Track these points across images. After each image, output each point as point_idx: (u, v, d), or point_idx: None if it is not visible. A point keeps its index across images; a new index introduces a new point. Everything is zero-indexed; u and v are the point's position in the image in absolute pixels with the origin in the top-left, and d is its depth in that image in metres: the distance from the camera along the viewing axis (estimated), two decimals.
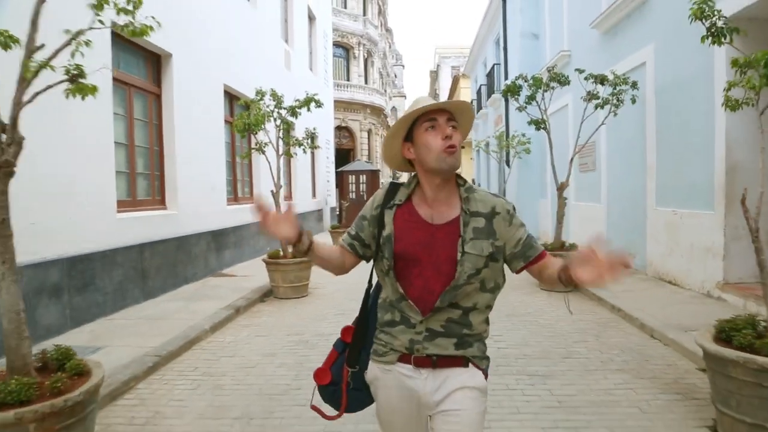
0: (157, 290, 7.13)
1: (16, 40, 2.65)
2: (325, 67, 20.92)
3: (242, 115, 7.27)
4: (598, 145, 9.75)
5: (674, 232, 7.09)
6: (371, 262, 1.84)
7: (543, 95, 7.85)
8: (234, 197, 10.60)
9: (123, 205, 6.60)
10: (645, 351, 4.70)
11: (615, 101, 7.40)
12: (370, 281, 1.89)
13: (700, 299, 6.23)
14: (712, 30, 3.61)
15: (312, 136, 9.83)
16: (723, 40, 3.61)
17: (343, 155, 31.08)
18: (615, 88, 7.26)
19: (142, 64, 7.35)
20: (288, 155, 8.10)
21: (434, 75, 61.09)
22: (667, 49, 7.26)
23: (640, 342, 4.98)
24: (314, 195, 18.07)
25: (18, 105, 2.52)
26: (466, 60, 27.88)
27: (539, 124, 7.77)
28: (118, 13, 2.82)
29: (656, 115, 7.57)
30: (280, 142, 7.80)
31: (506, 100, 14.46)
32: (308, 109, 7.75)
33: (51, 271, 5.13)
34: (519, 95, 8.02)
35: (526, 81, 7.86)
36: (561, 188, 7.54)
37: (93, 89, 2.70)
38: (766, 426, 2.76)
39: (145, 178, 7.40)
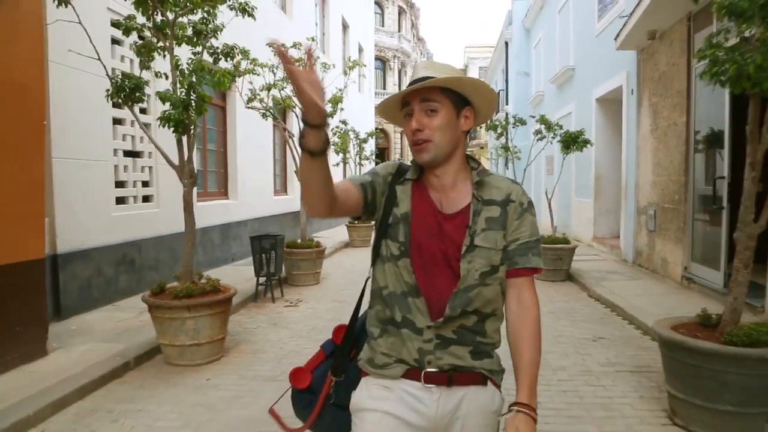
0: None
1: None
2: (369, 86, 26.46)
3: (338, 143, 12.89)
4: (555, 157, 15.08)
5: (579, 212, 12.48)
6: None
7: (507, 131, 13.23)
8: None
9: (276, 192, 12.29)
10: None
11: (552, 136, 12.72)
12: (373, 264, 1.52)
13: (586, 246, 11.61)
14: (549, 127, 9.03)
15: (373, 153, 15.46)
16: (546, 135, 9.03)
17: (379, 153, 36.71)
18: (550, 128, 12.60)
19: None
20: (361, 165, 13.75)
21: (463, 73, 65.55)
22: (579, 107, 12.62)
23: None
24: None
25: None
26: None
27: (507, 149, 13.14)
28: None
29: None
30: (357, 157, 13.45)
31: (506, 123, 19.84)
32: (371, 137, 13.32)
33: (249, 224, 10.79)
34: (496, 130, 13.42)
35: (498, 122, 13.26)
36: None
37: None
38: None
39: (281, 177, 13.08)
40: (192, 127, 4.58)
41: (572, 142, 8.63)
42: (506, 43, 21.06)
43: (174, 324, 4.30)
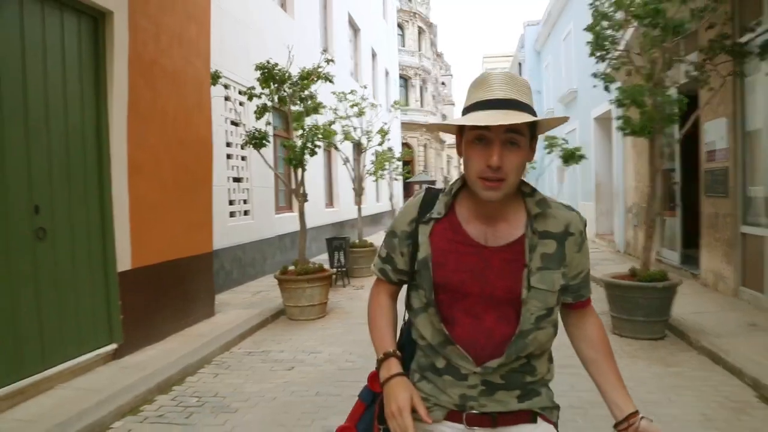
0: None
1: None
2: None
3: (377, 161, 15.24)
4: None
5: (584, 213, 14.34)
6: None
7: None
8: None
9: (327, 205, 14.65)
10: None
11: (560, 150, 14.87)
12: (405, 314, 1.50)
13: (590, 242, 13.67)
14: (550, 144, 11.23)
15: (408, 172, 17.78)
16: (553, 150, 11.22)
17: (404, 165, 39.11)
18: (553, 145, 14.77)
19: None
20: (395, 179, 16.08)
21: None
22: (582, 124, 14.78)
23: None
24: (391, 198, 26.17)
25: (360, 180, 10.45)
26: None
27: None
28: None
29: None
30: (393, 173, 15.80)
31: None
32: (405, 155, 15.61)
33: (309, 232, 13.12)
34: None
35: None
36: None
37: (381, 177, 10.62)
38: None
39: (328, 193, 15.43)
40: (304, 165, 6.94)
41: (570, 157, 10.79)
42: (519, 64, 23.28)
43: (297, 292, 6.62)
